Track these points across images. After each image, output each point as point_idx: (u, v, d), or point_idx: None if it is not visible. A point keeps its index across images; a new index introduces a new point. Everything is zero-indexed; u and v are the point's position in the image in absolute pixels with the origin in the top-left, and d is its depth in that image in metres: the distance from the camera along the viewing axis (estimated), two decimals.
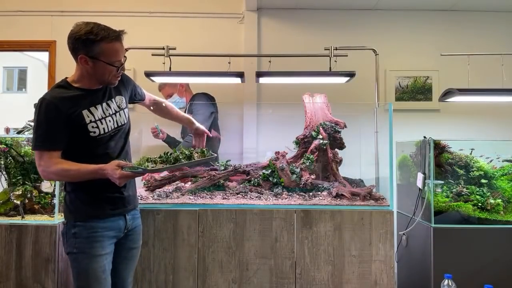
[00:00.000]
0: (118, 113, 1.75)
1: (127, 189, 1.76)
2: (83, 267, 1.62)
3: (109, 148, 1.70)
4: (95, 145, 1.66)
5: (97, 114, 1.66)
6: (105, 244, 1.66)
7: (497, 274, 2.20)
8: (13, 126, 2.63)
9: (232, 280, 2.12)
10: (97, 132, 1.65)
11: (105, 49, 1.58)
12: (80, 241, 1.63)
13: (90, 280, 1.62)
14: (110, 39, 1.58)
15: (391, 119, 2.22)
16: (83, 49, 1.58)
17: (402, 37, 3.65)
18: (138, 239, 1.85)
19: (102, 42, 1.57)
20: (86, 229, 1.64)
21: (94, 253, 1.63)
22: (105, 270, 1.66)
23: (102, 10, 3.60)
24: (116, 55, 1.63)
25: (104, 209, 1.69)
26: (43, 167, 1.59)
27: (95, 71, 1.63)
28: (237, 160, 2.50)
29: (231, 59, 2.64)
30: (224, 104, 3.51)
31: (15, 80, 13.48)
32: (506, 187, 2.37)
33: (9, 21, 3.63)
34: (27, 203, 2.27)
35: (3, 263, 2.06)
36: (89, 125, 1.63)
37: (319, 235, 2.12)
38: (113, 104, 1.74)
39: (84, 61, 1.60)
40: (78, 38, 1.57)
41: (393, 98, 3.60)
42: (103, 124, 1.67)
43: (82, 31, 1.56)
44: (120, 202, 1.74)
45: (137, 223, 1.85)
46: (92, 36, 1.55)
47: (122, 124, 1.77)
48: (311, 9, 3.67)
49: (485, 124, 3.57)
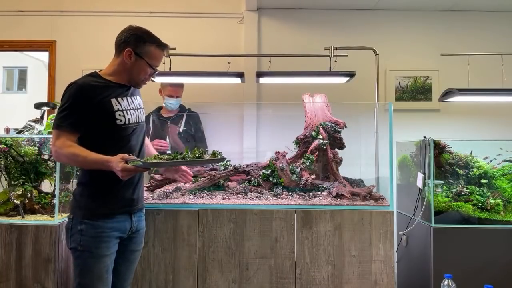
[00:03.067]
0: (139, 110, 1.82)
1: (135, 189, 1.77)
2: (87, 265, 1.64)
3: (131, 141, 1.74)
4: (120, 135, 1.70)
5: (124, 104, 1.73)
6: (110, 244, 1.67)
7: (497, 274, 2.20)
8: (13, 126, 2.63)
9: (232, 280, 2.12)
10: (123, 120, 1.70)
11: (152, 52, 1.74)
12: (86, 239, 1.64)
13: (93, 279, 1.63)
14: (159, 45, 1.76)
15: (391, 119, 2.22)
16: (133, 44, 1.71)
17: (402, 37, 3.65)
18: (141, 241, 1.86)
19: (153, 45, 1.74)
20: (93, 228, 1.65)
21: (100, 253, 1.64)
22: (108, 269, 1.67)
23: (102, 10, 3.60)
24: (157, 60, 1.79)
25: (112, 207, 1.70)
26: (57, 147, 1.61)
27: (133, 67, 1.74)
28: (237, 160, 2.50)
29: (231, 59, 2.65)
30: (224, 104, 3.52)
31: (15, 80, 13.47)
32: (506, 187, 2.37)
33: (9, 21, 3.63)
34: (27, 203, 2.27)
35: (3, 263, 2.06)
36: (116, 112, 1.69)
37: (319, 235, 2.12)
38: (136, 100, 1.82)
39: (129, 55, 1.71)
40: (135, 34, 1.72)
41: (393, 98, 3.60)
42: (128, 114, 1.73)
43: (141, 30, 1.74)
44: (129, 202, 1.75)
45: (141, 225, 1.85)
46: (146, 36, 1.73)
47: (142, 121, 1.84)
48: (311, 9, 3.67)
49: (485, 124, 3.57)
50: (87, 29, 3.58)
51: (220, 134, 3.42)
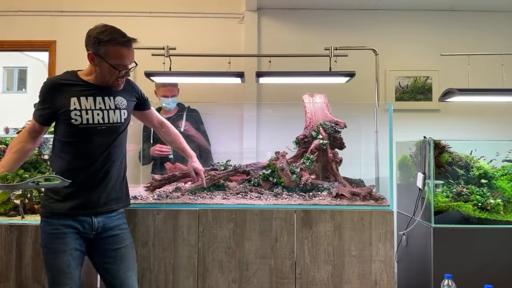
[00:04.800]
0: (113, 110, 1.78)
1: (97, 191, 1.76)
2: (47, 261, 1.70)
3: (93, 142, 1.74)
4: (80, 135, 1.73)
5: (86, 104, 1.73)
6: (68, 240, 1.70)
7: (497, 274, 2.20)
8: (13, 126, 2.63)
9: (232, 280, 2.12)
10: (79, 120, 1.71)
11: (110, 51, 1.68)
12: (44, 236, 1.73)
13: (54, 273, 1.69)
14: (116, 43, 1.68)
15: (391, 119, 2.22)
16: (92, 47, 1.69)
17: (402, 37, 3.65)
18: (123, 238, 1.84)
19: (109, 44, 1.67)
20: (48, 225, 1.72)
21: (57, 249, 1.69)
22: (70, 264, 1.69)
23: (102, 10, 3.59)
24: (120, 59, 1.71)
25: (69, 207, 1.71)
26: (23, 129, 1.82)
27: (99, 70, 1.73)
28: (237, 160, 2.50)
29: (231, 59, 2.64)
30: (224, 104, 3.52)
31: (15, 80, 13.47)
32: (506, 187, 2.37)
33: (9, 21, 3.63)
34: (27, 203, 2.27)
35: (3, 263, 2.06)
36: (72, 112, 1.70)
37: (319, 235, 2.12)
38: (110, 101, 1.79)
39: (91, 58, 1.72)
40: (90, 36, 1.70)
41: (393, 98, 3.60)
42: (87, 114, 1.73)
43: (95, 30, 1.70)
44: (89, 204, 1.75)
45: (115, 224, 1.83)
46: (101, 36, 1.67)
47: (115, 122, 1.79)
48: (311, 9, 3.67)
49: (485, 124, 3.57)
50: (87, 29, 3.55)
51: (220, 134, 3.41)
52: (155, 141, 2.90)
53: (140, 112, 2.03)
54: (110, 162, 1.78)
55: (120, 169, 1.86)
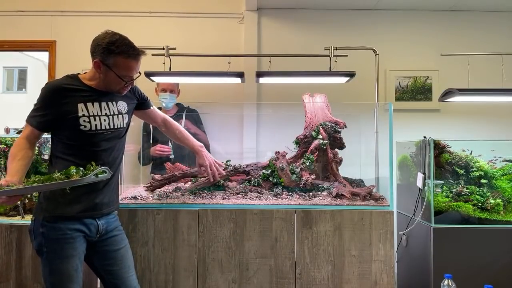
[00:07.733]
0: (116, 116, 1.79)
1: (99, 194, 1.76)
2: (55, 267, 1.65)
3: (100, 147, 1.74)
4: (87, 140, 1.71)
5: (93, 110, 1.71)
6: (76, 244, 1.68)
7: (497, 274, 2.20)
8: (13, 126, 2.63)
9: (232, 280, 2.12)
10: (88, 126, 1.69)
11: (119, 63, 1.67)
12: (47, 241, 1.66)
13: (63, 278, 1.65)
14: (128, 56, 1.67)
15: (391, 119, 2.22)
16: (100, 55, 1.66)
17: (402, 37, 3.65)
18: (121, 239, 1.85)
19: (120, 56, 1.66)
20: (55, 230, 1.66)
21: (66, 254, 1.65)
22: (78, 268, 1.68)
23: (102, 10, 3.60)
24: (128, 71, 1.71)
25: (73, 210, 1.69)
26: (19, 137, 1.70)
27: (105, 77, 1.71)
28: (237, 160, 2.50)
29: (231, 59, 2.64)
30: (224, 104, 3.52)
31: (15, 80, 13.48)
32: (506, 187, 2.37)
33: (9, 21, 3.63)
34: (27, 203, 2.27)
35: (3, 263, 2.06)
36: (81, 118, 1.68)
37: (319, 235, 2.12)
38: (113, 106, 1.79)
39: (98, 66, 1.69)
40: (100, 45, 1.66)
41: (393, 98, 3.60)
42: (96, 120, 1.71)
43: (106, 39, 1.65)
44: (92, 206, 1.74)
45: (114, 225, 1.84)
46: (112, 47, 1.64)
47: (119, 127, 1.81)
48: (311, 9, 3.67)
49: (485, 124, 3.57)
50: (87, 29, 3.58)
51: (220, 134, 3.42)
52: (155, 141, 2.90)
53: (141, 111, 2.04)
54: (113, 165, 1.80)
55: (118, 172, 1.88)
